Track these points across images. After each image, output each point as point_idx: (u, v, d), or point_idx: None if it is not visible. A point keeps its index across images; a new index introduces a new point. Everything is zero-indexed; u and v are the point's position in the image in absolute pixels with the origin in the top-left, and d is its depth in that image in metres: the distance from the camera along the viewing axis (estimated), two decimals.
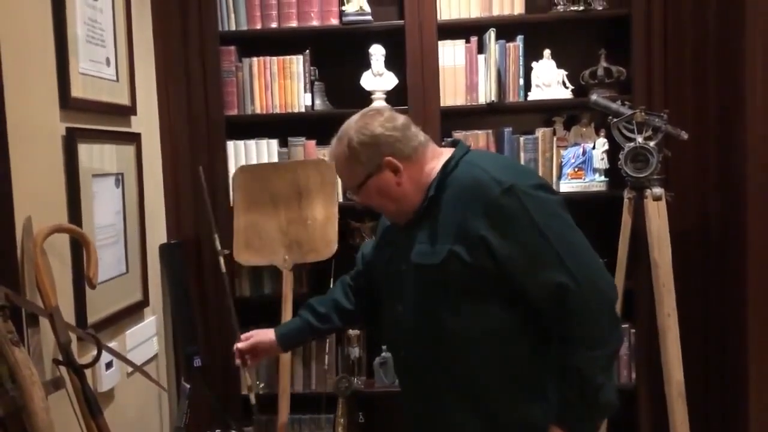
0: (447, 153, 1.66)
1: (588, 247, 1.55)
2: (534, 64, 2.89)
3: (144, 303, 2.46)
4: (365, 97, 2.89)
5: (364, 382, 2.92)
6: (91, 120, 2.12)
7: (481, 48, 2.86)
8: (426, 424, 1.71)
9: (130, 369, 2.28)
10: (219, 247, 2.62)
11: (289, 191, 2.81)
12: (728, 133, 2.63)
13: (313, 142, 2.90)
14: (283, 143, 2.93)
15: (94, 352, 1.84)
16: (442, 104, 2.81)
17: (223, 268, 2.61)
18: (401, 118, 1.66)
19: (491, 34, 2.79)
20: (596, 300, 1.51)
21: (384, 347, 2.92)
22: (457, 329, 1.58)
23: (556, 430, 1.57)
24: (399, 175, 1.61)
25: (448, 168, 1.62)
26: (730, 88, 2.60)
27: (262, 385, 2.80)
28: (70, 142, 1.96)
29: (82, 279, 1.95)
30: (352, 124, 1.64)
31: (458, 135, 2.84)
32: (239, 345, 1.99)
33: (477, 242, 1.51)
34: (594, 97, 2.66)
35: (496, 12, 2.84)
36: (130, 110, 2.39)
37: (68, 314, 1.90)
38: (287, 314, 2.71)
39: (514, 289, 1.54)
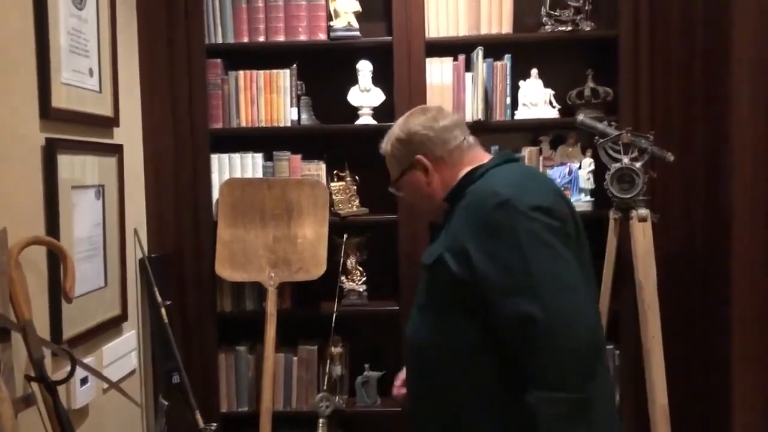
0: (483, 159, 1.65)
1: (574, 284, 1.41)
2: (521, 83, 2.89)
3: (122, 317, 2.42)
4: (352, 113, 2.88)
5: (345, 401, 2.87)
6: (73, 131, 2.08)
7: (468, 66, 2.86)
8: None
9: (106, 385, 2.23)
10: (159, 299, 2.58)
11: (279, 208, 2.79)
12: (714, 155, 2.64)
13: (298, 157, 2.87)
14: (268, 157, 2.90)
15: (69, 368, 1.80)
16: None
17: (165, 318, 2.58)
18: (446, 119, 1.66)
19: (479, 52, 2.78)
20: (565, 337, 1.35)
21: (366, 365, 2.88)
22: (428, 335, 1.56)
23: None
24: (429, 175, 1.64)
25: (472, 177, 1.60)
26: (716, 110, 2.61)
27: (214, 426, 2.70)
28: (50, 152, 1.93)
29: (58, 292, 1.90)
30: (399, 122, 1.70)
31: None
32: None
33: (461, 252, 1.47)
34: (581, 117, 2.66)
35: (484, 31, 2.84)
36: (112, 121, 2.36)
37: (43, 328, 1.86)
38: (271, 332, 2.67)
39: (486, 306, 1.45)
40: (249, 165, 2.87)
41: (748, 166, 2.49)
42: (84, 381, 2.09)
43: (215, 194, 2.82)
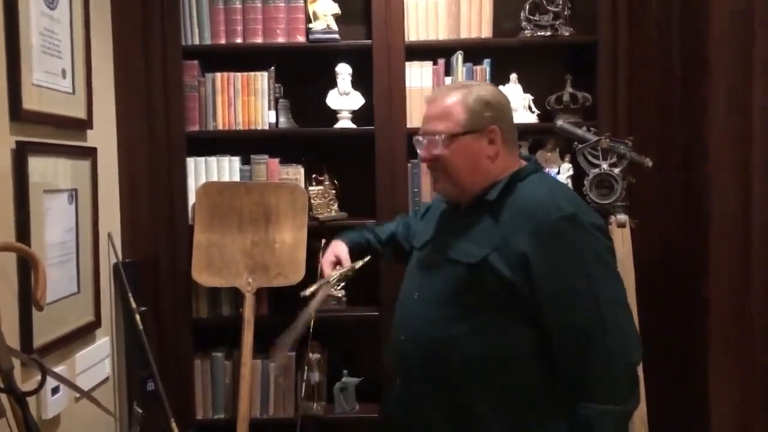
0: (521, 163, 1.67)
1: (625, 301, 1.53)
2: (500, 88, 2.87)
3: (96, 324, 2.36)
4: (331, 116, 2.85)
5: (323, 408, 2.84)
6: (44, 133, 2.03)
7: (448, 70, 2.85)
8: (405, 413, 1.69)
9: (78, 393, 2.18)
10: (134, 305, 2.53)
11: (257, 212, 2.75)
12: (692, 161, 2.65)
13: (276, 161, 2.84)
14: (246, 161, 2.86)
15: (39, 377, 1.74)
16: (408, 125, 2.77)
17: (140, 324, 2.53)
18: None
19: (459, 57, 2.78)
20: (620, 355, 1.47)
21: (345, 372, 2.86)
22: (465, 337, 1.54)
23: None
24: (495, 150, 1.59)
25: (518, 177, 1.60)
26: (694, 116, 2.62)
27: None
28: (21, 156, 1.87)
29: (29, 300, 1.85)
30: (481, 83, 1.68)
31: None
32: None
33: (517, 259, 1.48)
34: (560, 122, 2.65)
35: (463, 35, 2.83)
36: (86, 124, 2.31)
37: (13, 337, 1.81)
38: (248, 338, 2.64)
39: (538, 315, 1.50)
40: (226, 168, 2.82)
41: (726, 171, 2.50)
42: (55, 390, 2.03)
43: (191, 198, 2.78)
